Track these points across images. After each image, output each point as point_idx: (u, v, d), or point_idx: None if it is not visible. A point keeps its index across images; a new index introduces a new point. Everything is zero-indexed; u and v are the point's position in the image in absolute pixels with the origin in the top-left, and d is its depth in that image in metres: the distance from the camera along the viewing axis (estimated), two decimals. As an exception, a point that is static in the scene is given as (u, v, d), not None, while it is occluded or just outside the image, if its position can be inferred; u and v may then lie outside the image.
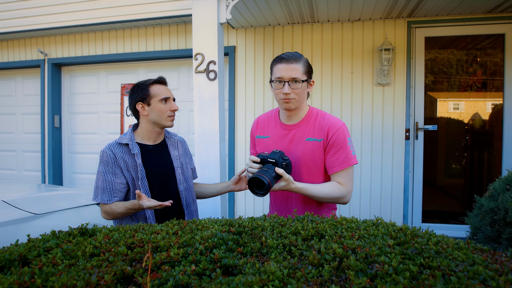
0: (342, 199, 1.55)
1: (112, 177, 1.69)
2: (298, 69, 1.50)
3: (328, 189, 1.53)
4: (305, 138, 1.58)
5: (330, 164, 1.55)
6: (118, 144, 1.74)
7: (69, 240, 0.98)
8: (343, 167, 1.53)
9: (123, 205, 1.66)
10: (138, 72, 4.36)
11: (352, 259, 0.72)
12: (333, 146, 1.53)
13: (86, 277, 0.69)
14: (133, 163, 1.72)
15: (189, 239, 0.91)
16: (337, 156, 1.54)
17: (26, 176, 4.88)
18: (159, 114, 1.75)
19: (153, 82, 1.80)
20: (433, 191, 4.25)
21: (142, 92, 1.77)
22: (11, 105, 4.90)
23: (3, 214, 1.84)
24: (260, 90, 3.80)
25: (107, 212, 1.70)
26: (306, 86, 1.56)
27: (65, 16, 3.97)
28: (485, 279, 0.66)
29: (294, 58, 1.50)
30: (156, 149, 1.84)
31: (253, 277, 0.67)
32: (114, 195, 1.69)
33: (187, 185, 1.90)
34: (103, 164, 1.70)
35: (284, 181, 1.44)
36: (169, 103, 1.79)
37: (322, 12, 3.31)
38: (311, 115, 1.62)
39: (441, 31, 3.51)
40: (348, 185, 1.56)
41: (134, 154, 1.72)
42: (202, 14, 2.68)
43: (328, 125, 1.55)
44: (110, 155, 1.70)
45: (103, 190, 1.68)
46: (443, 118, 4.19)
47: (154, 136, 1.83)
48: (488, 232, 1.83)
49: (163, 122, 1.78)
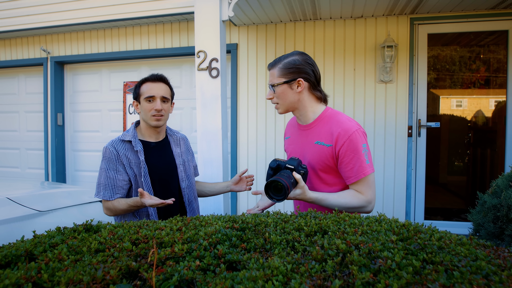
0: (363, 208, 1.44)
1: (115, 174, 1.69)
2: (274, 74, 1.52)
3: (346, 198, 1.43)
4: (314, 141, 1.51)
5: (346, 174, 1.45)
6: (121, 141, 1.73)
7: (74, 236, 0.99)
8: (358, 178, 1.42)
9: (125, 202, 1.66)
10: (140, 70, 4.37)
11: (355, 255, 0.72)
12: (345, 155, 1.42)
13: (92, 272, 0.69)
14: (136, 160, 1.72)
15: (193, 235, 0.91)
16: (351, 165, 1.42)
17: (30, 173, 4.91)
18: (144, 112, 1.75)
19: (144, 80, 1.78)
20: (435, 188, 4.24)
21: (135, 90, 1.78)
22: (14, 103, 4.92)
23: (8, 211, 1.86)
24: (262, 88, 3.80)
25: (109, 208, 1.71)
26: (288, 87, 1.49)
27: (67, 14, 3.98)
28: (488, 274, 0.66)
29: (272, 65, 1.54)
30: (158, 146, 1.83)
31: (257, 272, 0.67)
32: (116, 191, 1.69)
33: (189, 182, 1.90)
34: (106, 160, 1.70)
35: (300, 188, 1.37)
36: (153, 102, 1.73)
37: (324, 9, 3.30)
38: (324, 117, 1.53)
39: (444, 27, 3.50)
40: (368, 194, 1.44)
41: (137, 151, 1.72)
42: (205, 12, 2.68)
43: (338, 132, 1.42)
44: (113, 152, 1.69)
45: (105, 186, 1.68)
46: (446, 115, 4.18)
47: (154, 134, 1.82)
48: (491, 229, 1.83)
49: (148, 121, 1.76)
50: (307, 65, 1.50)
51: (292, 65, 1.48)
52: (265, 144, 3.82)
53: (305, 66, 1.49)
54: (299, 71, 1.48)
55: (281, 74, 1.49)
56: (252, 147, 3.86)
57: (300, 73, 1.48)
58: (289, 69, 1.48)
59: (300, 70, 1.48)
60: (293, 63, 1.48)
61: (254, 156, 3.85)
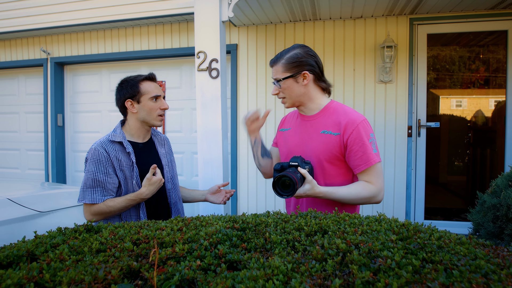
0: (373, 198, 1.45)
1: (104, 177, 1.60)
2: (278, 70, 1.53)
3: (356, 189, 1.44)
4: (321, 130, 1.51)
5: (355, 162, 1.45)
6: (110, 141, 1.66)
7: (75, 237, 0.99)
8: (368, 165, 1.43)
9: (124, 199, 1.59)
10: (140, 70, 4.37)
11: (355, 254, 0.73)
12: (354, 143, 1.43)
13: (94, 272, 0.70)
14: (127, 162, 1.65)
15: (193, 235, 0.92)
16: (361, 153, 1.43)
17: (30, 174, 4.91)
18: (148, 112, 1.69)
19: (143, 78, 1.71)
20: (435, 188, 4.25)
21: (132, 88, 1.68)
22: (14, 104, 4.93)
23: (9, 212, 1.86)
24: (262, 88, 3.81)
25: (100, 212, 1.59)
26: (294, 81, 1.51)
27: (67, 15, 3.99)
28: (487, 272, 0.67)
29: (274, 61, 1.55)
30: (145, 147, 1.78)
31: (257, 271, 0.68)
32: (106, 194, 1.61)
33: (174, 183, 1.86)
34: (94, 162, 1.60)
35: (308, 183, 1.37)
36: (159, 101, 1.72)
37: (324, 9, 3.30)
38: (330, 108, 1.55)
39: (443, 28, 3.50)
40: (378, 183, 1.45)
41: (129, 152, 1.65)
42: (204, 12, 2.68)
43: (346, 121, 1.45)
44: (103, 154, 1.60)
45: (95, 190, 1.59)
46: (446, 115, 4.18)
47: (143, 134, 1.76)
48: (491, 228, 1.84)
49: (152, 121, 1.72)
50: (310, 56, 1.51)
51: (295, 58, 1.49)
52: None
53: (308, 58, 1.50)
54: (303, 64, 1.50)
55: (286, 69, 1.50)
56: (252, 147, 3.86)
57: (304, 65, 1.50)
58: (292, 63, 1.50)
59: (303, 63, 1.50)
60: (296, 56, 1.49)
61: (254, 156, 3.85)
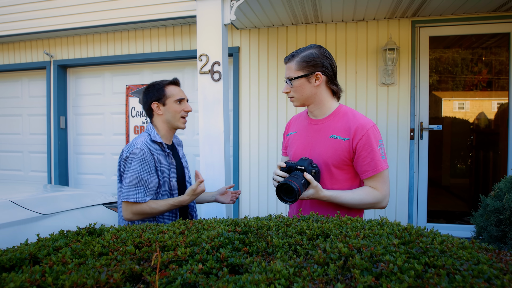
0: (377, 204, 1.46)
1: (148, 176, 1.66)
2: (291, 67, 1.51)
3: (361, 195, 1.44)
4: (329, 135, 1.50)
5: (363, 168, 1.45)
6: (153, 142, 1.73)
7: (78, 240, 0.99)
8: (376, 172, 1.43)
9: (167, 203, 1.66)
10: (142, 73, 4.39)
11: (357, 258, 0.73)
12: (363, 149, 1.43)
13: (96, 276, 0.70)
14: (166, 162, 1.75)
15: (195, 239, 0.92)
16: (369, 159, 1.43)
17: (33, 176, 4.93)
18: (173, 114, 1.79)
19: (169, 82, 1.83)
20: (438, 191, 4.23)
21: (158, 92, 1.80)
22: (17, 107, 4.95)
23: (11, 214, 1.87)
24: (265, 91, 3.81)
25: (142, 211, 1.64)
26: (306, 81, 1.49)
27: (70, 18, 4.01)
28: (490, 277, 0.66)
29: (289, 58, 1.53)
30: (172, 149, 1.88)
31: (259, 275, 0.68)
32: (148, 194, 1.67)
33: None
34: (139, 161, 1.64)
35: (313, 188, 1.38)
36: (183, 104, 1.83)
37: (326, 12, 3.31)
38: (339, 112, 1.53)
39: (445, 30, 3.50)
40: (383, 189, 1.45)
41: (168, 153, 1.76)
42: (207, 15, 2.69)
43: (356, 126, 1.44)
44: (147, 153, 1.66)
45: (138, 189, 1.64)
46: (448, 117, 4.16)
47: (170, 136, 1.87)
48: (494, 232, 1.83)
49: (176, 123, 1.81)
50: (325, 58, 1.49)
51: (310, 58, 1.47)
52: (267, 147, 3.82)
53: (323, 59, 1.48)
54: (317, 65, 1.48)
55: (299, 68, 1.48)
56: (254, 149, 3.86)
57: (318, 66, 1.48)
58: (307, 62, 1.48)
59: (317, 64, 1.48)
60: (311, 56, 1.47)
61: (256, 158, 3.86)
